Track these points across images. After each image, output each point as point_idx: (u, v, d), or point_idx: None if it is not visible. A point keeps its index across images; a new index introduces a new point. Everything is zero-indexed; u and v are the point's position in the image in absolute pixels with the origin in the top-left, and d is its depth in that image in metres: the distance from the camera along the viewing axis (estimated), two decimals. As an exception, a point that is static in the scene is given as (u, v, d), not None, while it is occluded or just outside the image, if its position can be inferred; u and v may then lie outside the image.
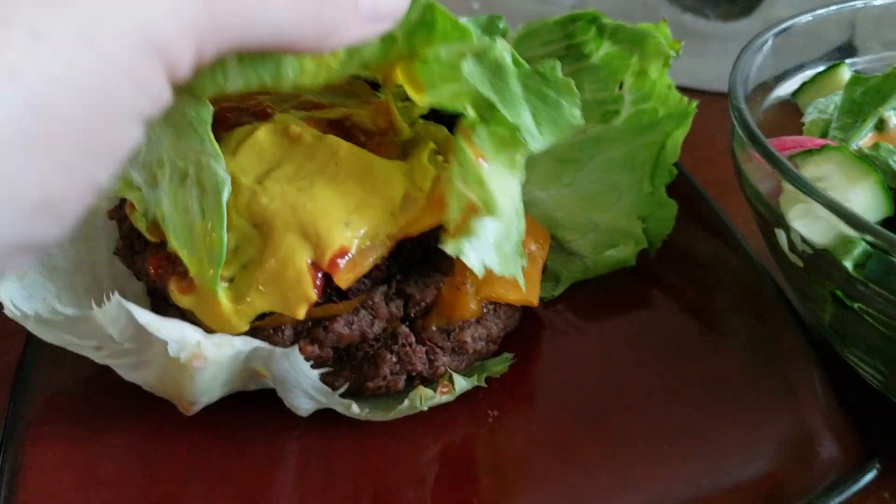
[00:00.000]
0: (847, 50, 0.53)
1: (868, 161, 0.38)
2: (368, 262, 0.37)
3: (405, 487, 0.38)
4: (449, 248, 0.35)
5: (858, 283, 0.35)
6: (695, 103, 0.48)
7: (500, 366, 0.43)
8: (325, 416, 0.40)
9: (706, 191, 0.51)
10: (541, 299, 0.47)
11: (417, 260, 0.40)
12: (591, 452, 0.39)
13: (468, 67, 0.35)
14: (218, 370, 0.36)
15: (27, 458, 0.37)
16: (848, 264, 0.35)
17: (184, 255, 0.36)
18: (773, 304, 0.44)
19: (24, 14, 0.23)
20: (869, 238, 0.34)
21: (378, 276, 0.38)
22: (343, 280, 0.36)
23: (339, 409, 0.39)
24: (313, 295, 0.36)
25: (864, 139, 0.43)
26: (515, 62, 0.36)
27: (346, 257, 0.36)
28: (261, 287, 0.36)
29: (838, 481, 0.34)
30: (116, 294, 0.34)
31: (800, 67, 0.50)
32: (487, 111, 0.35)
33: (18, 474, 0.36)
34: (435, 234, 0.39)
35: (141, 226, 0.39)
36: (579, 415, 0.41)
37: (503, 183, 0.35)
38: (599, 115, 0.51)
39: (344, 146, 0.38)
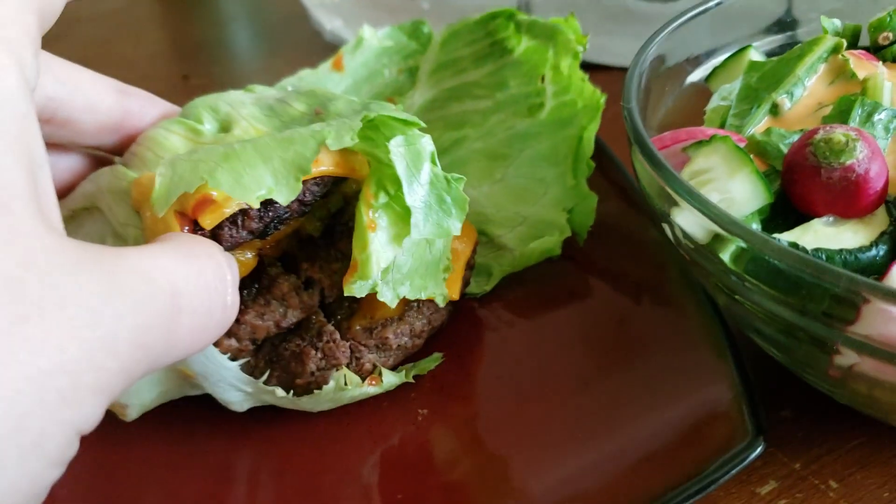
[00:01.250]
0: (786, 24, 0.54)
1: (744, 151, 0.40)
2: (232, 203, 0.37)
3: (338, 485, 0.41)
4: (357, 290, 0.39)
5: (736, 275, 0.37)
6: (604, 98, 0.49)
7: (430, 364, 0.46)
8: (258, 427, 0.44)
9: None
10: (473, 295, 0.50)
11: (320, 246, 0.43)
12: (509, 442, 0.42)
13: (395, 144, 0.39)
14: None
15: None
16: (726, 258, 0.37)
17: None
18: (690, 292, 0.46)
19: None
20: (739, 239, 0.36)
21: (255, 227, 0.38)
22: (206, 221, 0.36)
23: (268, 399, 0.42)
24: None
25: (760, 125, 0.44)
26: (432, 159, 0.40)
27: (209, 202, 0.36)
28: None
29: (725, 461, 0.37)
30: None
31: (712, 52, 0.51)
32: (393, 188, 0.39)
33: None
34: (334, 215, 0.43)
35: None
36: (503, 409, 0.44)
37: (385, 252, 0.39)
38: (526, 109, 0.54)
39: None
